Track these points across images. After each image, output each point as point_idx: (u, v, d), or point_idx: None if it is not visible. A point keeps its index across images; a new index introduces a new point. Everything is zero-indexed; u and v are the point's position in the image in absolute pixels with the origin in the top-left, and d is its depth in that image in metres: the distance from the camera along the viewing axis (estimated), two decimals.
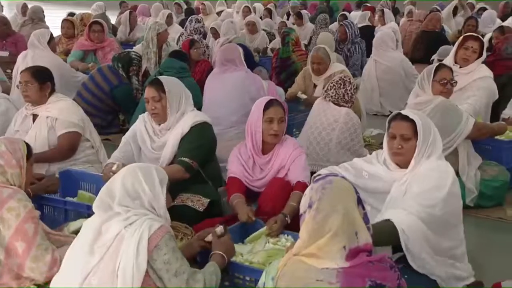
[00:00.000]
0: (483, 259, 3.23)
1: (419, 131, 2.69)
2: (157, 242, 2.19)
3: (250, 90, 4.96)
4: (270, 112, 3.26)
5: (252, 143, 3.33)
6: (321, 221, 1.92)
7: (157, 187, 2.30)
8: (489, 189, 3.93)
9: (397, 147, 2.74)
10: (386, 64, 6.64)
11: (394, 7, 13.06)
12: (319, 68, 5.41)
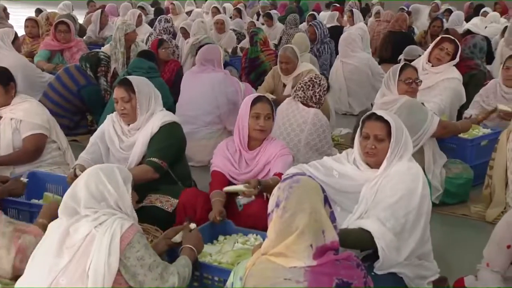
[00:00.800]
0: (448, 255, 3.30)
1: (393, 132, 2.71)
2: (129, 240, 2.20)
3: (228, 92, 4.99)
4: (257, 107, 3.29)
5: (240, 137, 3.35)
6: (288, 220, 1.93)
7: (121, 187, 2.29)
8: (453, 186, 4.02)
9: (370, 148, 2.74)
10: (353, 64, 6.71)
11: (362, 7, 13.23)
12: (287, 67, 5.44)
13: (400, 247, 2.59)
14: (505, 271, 2.55)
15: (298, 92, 4.32)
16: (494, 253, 2.56)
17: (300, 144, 4.23)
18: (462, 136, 4.35)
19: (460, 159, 4.21)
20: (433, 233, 2.88)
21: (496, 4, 11.92)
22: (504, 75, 4.68)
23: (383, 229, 2.56)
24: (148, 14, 11.25)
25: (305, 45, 6.85)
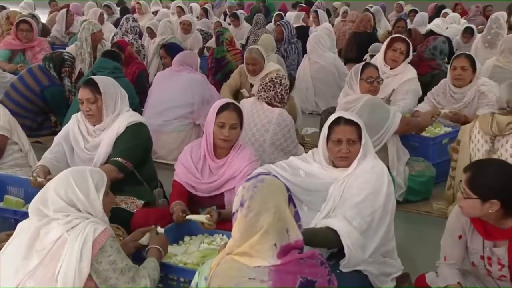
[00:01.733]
0: (411, 252, 3.36)
1: (363, 133, 2.74)
2: (101, 244, 2.18)
3: (204, 93, 5.03)
4: (222, 116, 3.15)
5: (206, 143, 3.25)
6: (252, 219, 1.94)
7: (92, 193, 2.26)
8: (416, 184, 4.09)
9: (346, 152, 2.75)
10: (320, 63, 6.77)
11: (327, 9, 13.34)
12: (254, 68, 5.47)
13: (365, 245, 2.63)
14: (461, 263, 2.61)
15: (261, 93, 4.33)
16: (448, 244, 2.61)
17: (266, 144, 4.24)
18: (425, 135, 4.44)
19: (422, 157, 4.29)
20: (397, 230, 2.92)
21: (457, 5, 12.22)
22: (452, 75, 4.76)
23: (350, 227, 2.59)
24: (114, 13, 11.12)
25: (272, 45, 6.90)
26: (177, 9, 10.31)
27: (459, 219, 2.55)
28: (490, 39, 6.82)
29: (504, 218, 2.39)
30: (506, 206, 2.34)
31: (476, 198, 2.34)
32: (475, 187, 2.35)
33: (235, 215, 2.01)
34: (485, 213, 2.37)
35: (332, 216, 2.70)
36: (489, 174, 2.36)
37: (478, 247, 2.52)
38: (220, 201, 3.20)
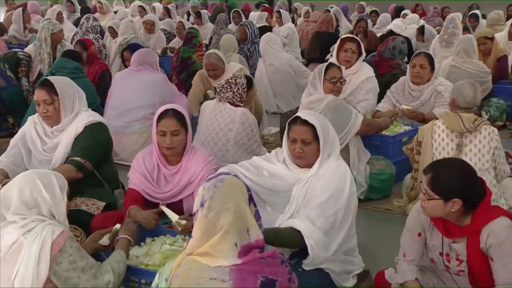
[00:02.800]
0: (372, 249, 3.41)
1: (320, 135, 2.73)
2: (60, 246, 2.16)
3: (164, 93, 4.99)
4: (161, 125, 3.05)
5: (156, 152, 3.16)
6: (213, 219, 1.94)
7: (57, 194, 2.25)
8: (377, 182, 4.16)
9: (298, 151, 2.77)
10: (275, 65, 6.81)
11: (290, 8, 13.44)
12: (215, 73, 5.44)
13: (329, 244, 2.66)
14: (420, 259, 2.66)
15: (221, 94, 4.34)
16: (407, 242, 2.66)
17: (229, 143, 4.24)
18: (385, 133, 4.51)
19: (383, 156, 4.36)
20: (358, 228, 2.96)
21: (417, 6, 12.48)
22: (411, 72, 4.86)
23: (313, 227, 2.61)
24: (76, 11, 10.94)
25: (233, 45, 6.91)
26: (138, 9, 10.20)
27: (419, 217, 2.60)
28: (447, 38, 7.00)
29: (464, 215, 2.45)
30: (467, 203, 2.40)
31: (439, 198, 2.39)
32: (437, 188, 2.40)
33: (195, 215, 2.01)
34: (447, 212, 2.42)
35: (295, 216, 2.71)
36: (449, 174, 2.41)
37: (437, 244, 2.57)
38: (179, 207, 3.14)
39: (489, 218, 2.42)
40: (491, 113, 5.71)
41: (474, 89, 3.72)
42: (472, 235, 2.45)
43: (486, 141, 3.59)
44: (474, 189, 2.43)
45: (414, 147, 3.84)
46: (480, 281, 2.51)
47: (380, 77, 5.29)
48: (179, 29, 8.54)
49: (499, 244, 2.37)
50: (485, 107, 5.69)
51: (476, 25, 9.20)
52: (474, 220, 2.44)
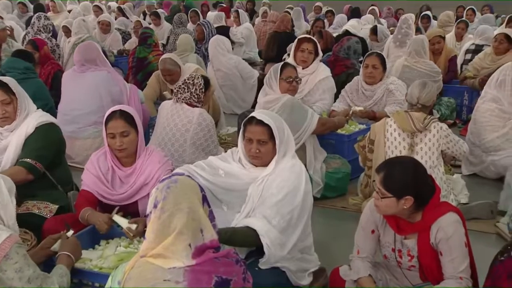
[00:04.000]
0: (328, 246, 3.46)
1: (276, 134, 2.74)
2: (6, 252, 2.09)
3: (112, 91, 4.88)
4: (110, 127, 3.01)
5: (110, 154, 3.12)
6: (166, 220, 1.93)
7: (5, 197, 2.19)
8: (333, 180, 4.21)
9: (255, 152, 2.77)
10: (222, 70, 6.83)
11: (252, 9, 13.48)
12: (172, 78, 5.42)
13: (285, 243, 2.67)
14: (373, 256, 2.71)
15: (178, 95, 4.32)
16: (361, 239, 2.71)
17: (186, 144, 4.22)
18: (340, 132, 4.58)
19: (338, 154, 4.42)
20: (314, 226, 2.99)
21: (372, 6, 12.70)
22: (364, 72, 4.98)
23: (269, 226, 2.62)
24: (29, 11, 10.67)
25: (190, 45, 6.88)
26: (93, 8, 10.03)
27: (372, 215, 2.65)
28: (401, 38, 7.16)
29: (415, 212, 2.50)
30: (418, 200, 2.46)
31: (392, 196, 2.44)
32: (390, 186, 2.44)
33: (149, 217, 1.99)
34: (400, 210, 2.47)
35: (251, 215, 2.71)
36: (401, 172, 2.46)
37: (390, 240, 2.63)
38: (134, 209, 3.11)
39: (438, 214, 2.48)
40: (442, 112, 5.89)
41: (420, 89, 3.81)
42: (422, 231, 2.51)
43: (435, 138, 3.69)
44: (424, 186, 2.49)
45: (366, 144, 3.91)
46: (429, 275, 2.57)
47: (335, 76, 5.38)
48: (136, 28, 8.45)
49: (447, 239, 2.44)
50: (436, 106, 5.85)
51: (428, 26, 9.45)
52: (424, 216, 2.50)
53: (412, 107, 3.83)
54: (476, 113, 4.65)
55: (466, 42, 7.48)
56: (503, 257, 2.30)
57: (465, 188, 4.06)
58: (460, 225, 2.49)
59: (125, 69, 7.13)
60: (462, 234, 2.48)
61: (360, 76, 5.07)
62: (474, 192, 4.10)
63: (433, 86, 3.94)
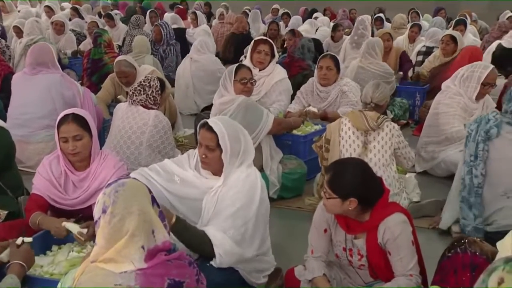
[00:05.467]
0: (284, 247, 3.46)
1: (222, 144, 2.68)
2: None
3: (65, 95, 4.77)
4: (62, 131, 2.96)
5: (63, 158, 3.05)
6: (117, 224, 1.91)
7: None
8: (289, 181, 4.23)
9: (202, 156, 2.75)
10: (200, 62, 6.81)
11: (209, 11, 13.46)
12: (127, 80, 5.36)
13: (242, 253, 2.66)
14: (327, 255, 2.74)
15: (134, 98, 4.27)
16: (314, 238, 2.73)
17: (142, 146, 4.18)
18: (296, 133, 4.60)
19: (295, 155, 4.45)
20: (271, 227, 2.99)
21: (326, 10, 12.91)
22: (319, 74, 5.05)
23: (224, 236, 2.60)
24: None
25: (146, 47, 6.83)
26: (45, 9, 9.81)
27: (324, 214, 2.68)
28: (357, 39, 7.30)
29: (363, 212, 2.55)
30: (363, 202, 2.50)
31: (337, 197, 2.48)
32: (335, 187, 2.48)
33: (97, 223, 1.96)
34: (345, 210, 2.51)
35: (208, 226, 2.67)
36: (346, 175, 2.50)
37: (341, 240, 2.66)
38: (88, 213, 3.01)
39: (386, 214, 2.52)
40: (395, 112, 6.02)
41: (374, 89, 3.91)
42: (370, 231, 2.56)
43: (388, 137, 3.78)
44: (370, 189, 2.52)
45: (322, 144, 3.96)
46: (379, 273, 2.62)
47: (291, 78, 5.43)
48: (90, 30, 8.30)
49: (394, 239, 2.49)
50: (390, 106, 5.97)
51: (381, 28, 9.64)
52: (372, 216, 2.54)
53: (366, 106, 3.93)
54: (439, 106, 4.68)
55: (418, 44, 7.69)
56: (450, 253, 2.38)
57: (417, 187, 4.16)
58: (406, 225, 2.54)
59: (79, 71, 7.00)
60: (409, 233, 2.53)
61: (315, 77, 5.13)
62: (425, 191, 4.20)
63: (385, 87, 4.04)
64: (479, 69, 4.53)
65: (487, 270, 1.49)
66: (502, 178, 3.37)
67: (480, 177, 3.39)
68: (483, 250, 2.30)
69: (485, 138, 3.39)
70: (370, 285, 2.70)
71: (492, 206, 3.41)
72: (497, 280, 1.43)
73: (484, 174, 3.40)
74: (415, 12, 10.62)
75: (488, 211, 3.43)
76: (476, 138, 3.42)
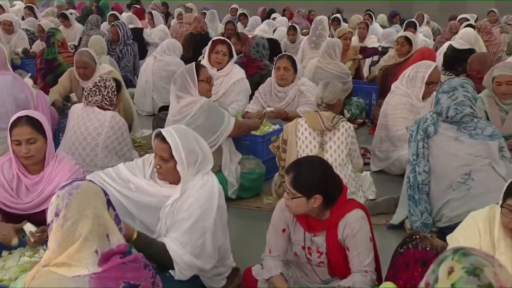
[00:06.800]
0: (243, 247, 3.45)
1: (176, 156, 2.61)
2: None
3: (17, 97, 4.60)
4: (15, 134, 2.88)
5: (15, 161, 2.96)
6: (70, 228, 1.88)
7: None
8: (247, 181, 4.24)
9: (156, 166, 2.69)
10: (165, 61, 6.77)
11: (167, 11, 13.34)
12: (85, 72, 5.27)
13: (202, 265, 2.64)
14: (284, 254, 2.77)
15: (89, 98, 4.20)
16: (272, 238, 2.75)
17: (98, 148, 4.11)
18: (254, 133, 4.62)
19: (253, 155, 4.46)
20: (230, 227, 2.98)
21: (285, 11, 13.00)
22: (276, 75, 5.11)
23: (182, 251, 2.57)
24: None
25: (101, 46, 6.72)
26: None
27: (283, 214, 2.69)
28: (315, 40, 7.38)
29: (324, 210, 2.57)
30: (327, 198, 2.53)
31: (302, 196, 2.49)
32: (299, 186, 2.49)
33: (50, 226, 1.93)
34: (310, 209, 2.53)
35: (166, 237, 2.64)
36: (309, 172, 2.52)
37: (300, 238, 2.69)
38: (42, 218, 2.90)
39: (345, 211, 2.56)
40: (352, 112, 6.12)
41: (323, 88, 3.97)
42: (330, 228, 2.59)
43: (344, 137, 3.84)
44: (332, 184, 2.56)
45: (280, 145, 3.99)
46: (337, 271, 2.66)
47: (249, 78, 5.45)
48: (39, 31, 8.06)
49: (353, 234, 2.53)
50: (347, 106, 6.07)
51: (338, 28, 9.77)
52: (332, 213, 2.57)
53: (319, 107, 3.97)
54: (388, 107, 4.80)
55: (368, 41, 7.82)
56: (403, 249, 2.44)
57: (373, 185, 4.25)
58: (365, 221, 2.59)
59: (32, 71, 6.83)
60: (367, 229, 2.58)
61: (273, 78, 5.16)
62: (381, 188, 4.28)
63: (336, 86, 4.08)
64: (423, 69, 4.65)
65: (437, 260, 1.52)
66: (445, 172, 3.52)
67: (424, 174, 3.54)
68: (433, 245, 2.38)
69: (424, 137, 3.57)
70: (327, 282, 2.74)
71: (440, 200, 3.54)
72: (447, 270, 1.47)
73: (427, 171, 3.55)
74: (368, 14, 10.79)
75: (437, 206, 3.56)
76: (417, 137, 3.58)
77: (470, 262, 1.45)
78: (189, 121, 3.98)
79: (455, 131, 3.53)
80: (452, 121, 3.55)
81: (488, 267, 1.44)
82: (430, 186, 3.56)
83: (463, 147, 3.49)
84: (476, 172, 3.45)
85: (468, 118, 3.52)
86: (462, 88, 3.55)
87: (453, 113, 3.53)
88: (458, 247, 1.54)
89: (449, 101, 3.54)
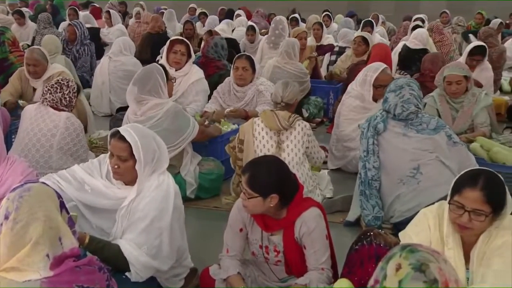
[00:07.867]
0: (201, 247, 3.46)
1: (136, 154, 2.57)
2: None
3: None
4: None
5: None
6: (20, 231, 1.83)
7: None
8: (206, 181, 4.23)
9: (113, 166, 2.64)
10: (121, 61, 6.69)
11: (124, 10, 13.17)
12: (36, 70, 5.16)
13: (159, 266, 2.61)
14: (242, 253, 2.78)
15: (47, 96, 4.11)
16: (230, 237, 2.76)
17: (52, 150, 4.03)
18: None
19: (212, 155, 4.45)
20: (188, 227, 2.96)
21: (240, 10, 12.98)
22: (235, 75, 5.14)
23: (139, 252, 2.53)
24: None
25: (55, 46, 6.57)
26: None
27: (240, 214, 2.70)
28: (274, 39, 7.42)
29: (280, 209, 2.59)
30: (283, 197, 2.55)
31: (258, 196, 2.50)
32: (255, 186, 2.50)
33: None
34: (267, 208, 2.54)
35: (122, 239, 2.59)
36: (265, 172, 2.53)
37: (257, 238, 2.70)
38: None
39: (302, 210, 2.59)
40: (311, 111, 6.18)
41: (284, 88, 4.01)
42: (287, 227, 2.61)
43: (300, 136, 3.88)
44: (288, 183, 2.58)
45: (236, 145, 4.00)
46: (294, 269, 2.69)
47: (207, 78, 5.45)
48: None
49: (310, 232, 2.55)
50: (305, 105, 6.13)
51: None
52: (289, 212, 2.60)
53: (277, 106, 4.00)
54: (342, 107, 4.91)
55: (325, 41, 7.91)
56: (357, 246, 2.48)
57: (330, 183, 4.31)
58: (321, 219, 2.62)
59: None
60: (323, 227, 2.61)
61: (231, 77, 5.18)
62: (338, 186, 4.35)
63: (295, 86, 4.13)
64: (370, 72, 4.75)
65: (385, 257, 1.55)
66: (395, 167, 3.63)
67: (373, 170, 3.65)
68: (387, 242, 2.43)
69: (374, 133, 3.69)
70: (284, 281, 2.76)
71: (391, 194, 3.64)
72: (395, 267, 1.49)
73: (377, 167, 3.65)
74: (327, 15, 10.91)
75: (388, 200, 3.66)
76: (367, 134, 3.70)
77: (417, 258, 1.47)
78: (155, 123, 3.91)
79: (403, 127, 3.66)
80: (399, 118, 3.67)
81: (433, 263, 1.47)
82: (381, 182, 3.67)
83: (411, 142, 3.61)
84: (424, 166, 3.56)
85: (413, 115, 3.65)
86: (408, 87, 3.68)
87: (400, 110, 3.65)
88: (405, 244, 1.57)
89: (396, 99, 3.66)
